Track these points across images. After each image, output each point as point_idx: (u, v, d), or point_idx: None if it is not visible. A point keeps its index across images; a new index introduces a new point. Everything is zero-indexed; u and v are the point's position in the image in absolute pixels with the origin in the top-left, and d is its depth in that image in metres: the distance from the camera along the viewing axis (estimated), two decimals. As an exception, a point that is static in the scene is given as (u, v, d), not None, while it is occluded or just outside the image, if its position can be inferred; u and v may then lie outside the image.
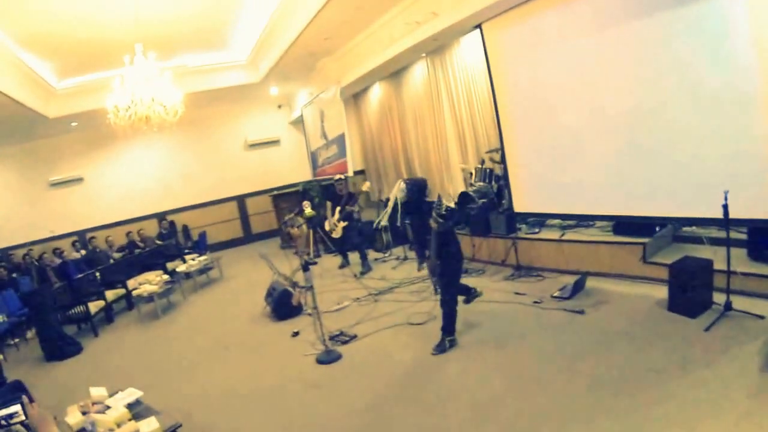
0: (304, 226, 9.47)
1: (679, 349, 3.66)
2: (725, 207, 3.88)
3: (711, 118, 4.38)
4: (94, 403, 3.55)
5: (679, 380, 3.27)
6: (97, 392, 3.70)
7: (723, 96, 4.25)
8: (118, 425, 3.20)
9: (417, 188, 4.58)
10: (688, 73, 4.47)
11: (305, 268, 4.92)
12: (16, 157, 11.40)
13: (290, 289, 6.18)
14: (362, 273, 7.63)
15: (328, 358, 4.68)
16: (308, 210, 8.73)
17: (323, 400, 4.02)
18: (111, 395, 3.67)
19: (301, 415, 3.84)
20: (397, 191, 4.60)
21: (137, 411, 3.48)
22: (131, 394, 3.66)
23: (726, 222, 3.95)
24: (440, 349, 4.44)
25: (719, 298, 4.12)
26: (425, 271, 4.93)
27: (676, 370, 3.39)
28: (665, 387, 3.23)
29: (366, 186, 8.14)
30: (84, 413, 3.40)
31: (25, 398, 2.99)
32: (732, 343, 3.59)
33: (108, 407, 3.47)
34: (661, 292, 4.59)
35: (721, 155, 4.37)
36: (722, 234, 4.48)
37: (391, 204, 4.78)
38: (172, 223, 12.51)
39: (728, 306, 4.00)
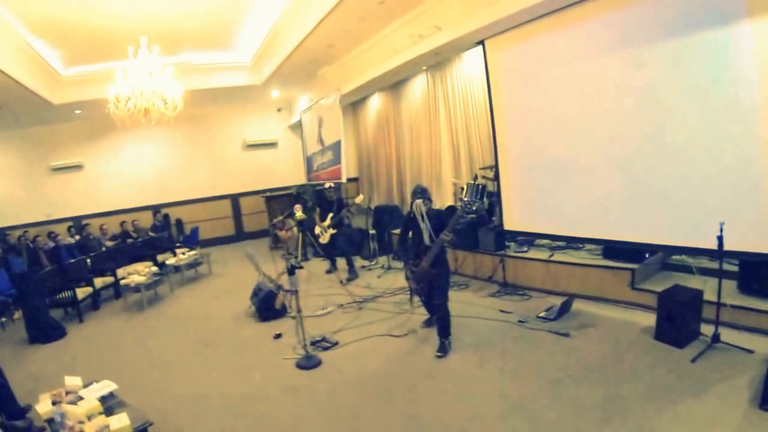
0: (294, 229, 9.46)
1: (665, 380, 3.62)
2: (720, 239, 3.84)
3: (709, 148, 4.36)
4: (67, 393, 3.50)
5: (665, 411, 3.22)
6: (72, 381, 3.66)
7: (721, 126, 4.24)
8: (89, 418, 3.14)
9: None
10: (687, 103, 4.47)
11: (291, 271, 4.89)
12: (20, 140, 11.49)
13: (275, 290, 6.15)
14: (348, 279, 7.60)
15: (308, 363, 4.64)
16: (299, 213, 8.73)
17: (300, 405, 3.96)
18: (85, 385, 3.63)
19: (276, 420, 3.79)
20: (421, 207, 4.65)
21: (110, 404, 3.44)
22: (105, 386, 3.62)
23: (720, 254, 3.90)
24: (444, 350, 4.59)
25: (707, 329, 4.09)
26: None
27: (662, 401, 3.35)
28: (649, 418, 3.18)
29: (359, 199, 8.14)
30: (55, 402, 3.36)
31: None
32: (719, 376, 3.56)
33: (81, 398, 3.42)
34: (648, 319, 4.57)
35: (717, 186, 4.35)
36: (713, 264, 4.46)
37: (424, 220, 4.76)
38: (166, 216, 12.53)
39: (716, 338, 3.98)
